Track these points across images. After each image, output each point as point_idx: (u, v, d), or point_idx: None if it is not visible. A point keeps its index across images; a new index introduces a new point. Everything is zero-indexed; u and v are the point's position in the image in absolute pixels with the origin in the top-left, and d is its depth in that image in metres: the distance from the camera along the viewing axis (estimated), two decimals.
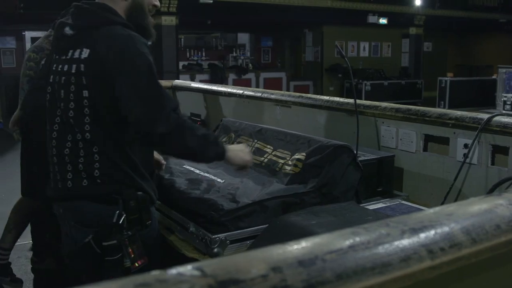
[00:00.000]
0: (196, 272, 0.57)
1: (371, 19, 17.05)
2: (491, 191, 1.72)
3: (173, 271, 0.57)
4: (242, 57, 17.34)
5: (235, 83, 15.80)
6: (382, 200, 2.06)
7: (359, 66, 17.60)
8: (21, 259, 3.92)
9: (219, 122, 2.89)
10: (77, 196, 1.74)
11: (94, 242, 1.69)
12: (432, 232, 0.72)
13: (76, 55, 1.72)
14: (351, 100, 2.46)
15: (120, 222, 1.67)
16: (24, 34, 14.96)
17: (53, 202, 1.85)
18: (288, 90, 17.03)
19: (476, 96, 14.76)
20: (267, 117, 3.15)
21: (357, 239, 0.66)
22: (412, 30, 18.37)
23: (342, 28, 17.26)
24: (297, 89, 16.97)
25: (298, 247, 0.63)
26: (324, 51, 17.15)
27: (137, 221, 1.71)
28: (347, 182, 1.91)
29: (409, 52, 18.47)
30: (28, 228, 3.47)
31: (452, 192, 2.02)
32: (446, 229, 0.73)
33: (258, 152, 2.21)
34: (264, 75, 16.98)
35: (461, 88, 14.72)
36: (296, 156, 2.02)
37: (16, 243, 4.15)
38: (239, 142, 2.34)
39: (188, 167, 2.27)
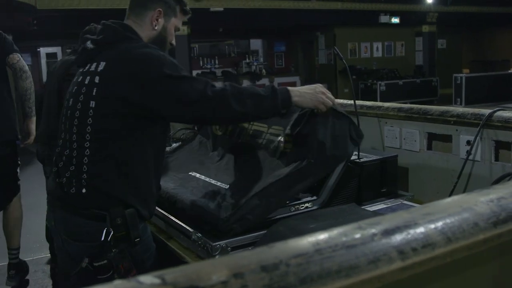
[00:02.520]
0: (157, 280, 0.57)
1: (383, 18, 16.99)
2: None
3: (134, 279, 0.57)
4: (255, 63, 17.40)
5: None
6: (384, 201, 2.04)
7: (373, 67, 17.52)
8: (38, 273, 3.97)
9: None
10: (67, 200, 1.77)
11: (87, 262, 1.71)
12: (405, 232, 0.71)
13: (93, 68, 1.79)
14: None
15: (108, 239, 1.68)
16: (39, 51, 15.20)
17: (49, 205, 1.89)
18: None
19: (493, 91, 14.60)
20: None
21: (325, 242, 0.66)
22: (425, 28, 18.23)
23: (354, 29, 17.21)
24: None
25: (263, 252, 0.63)
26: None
27: (124, 239, 1.71)
28: (340, 137, 1.86)
29: (423, 50, 18.33)
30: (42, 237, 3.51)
31: (457, 190, 2.00)
32: (420, 229, 0.72)
33: (256, 134, 2.18)
34: (278, 80, 16.99)
35: (477, 84, 14.56)
36: (288, 130, 1.98)
37: (33, 257, 4.22)
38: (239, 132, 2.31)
39: (193, 174, 2.27)
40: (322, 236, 0.68)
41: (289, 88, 1.81)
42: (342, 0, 16.39)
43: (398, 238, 0.70)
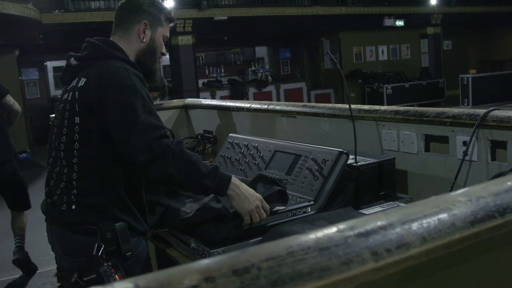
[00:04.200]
0: (130, 285, 0.59)
1: (387, 22, 16.99)
2: None
3: (109, 285, 0.59)
4: (261, 71, 17.45)
5: (256, 97, 15.88)
6: (381, 204, 2.04)
7: (378, 70, 17.50)
8: (46, 285, 4.00)
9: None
10: (59, 217, 1.79)
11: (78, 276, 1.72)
12: (380, 234, 0.72)
13: (75, 83, 1.82)
14: (352, 106, 2.45)
15: (100, 253, 1.70)
16: (46, 65, 15.35)
17: (46, 222, 1.91)
18: (309, 99, 17.03)
19: (501, 91, 14.54)
20: (274, 128, 3.17)
21: (298, 245, 0.67)
22: (430, 30, 18.21)
23: (358, 33, 17.22)
24: (318, 98, 16.97)
25: (236, 256, 0.65)
26: (342, 57, 17.12)
27: (116, 253, 1.73)
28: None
29: (429, 52, 18.29)
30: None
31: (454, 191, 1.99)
32: (395, 230, 0.73)
33: None
34: (284, 86, 17.03)
35: (484, 84, 14.51)
36: None
37: (42, 270, 4.25)
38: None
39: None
40: (295, 239, 0.69)
41: (234, 180, 1.74)
42: (346, 5, 16.41)
43: (372, 239, 0.71)
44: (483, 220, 0.81)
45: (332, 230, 0.72)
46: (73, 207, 1.74)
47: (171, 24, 2.00)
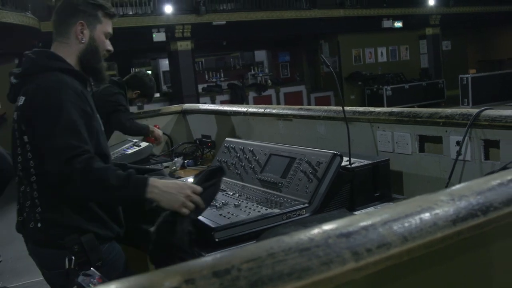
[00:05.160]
0: None
1: (386, 23, 17.01)
2: None
3: None
4: (260, 74, 17.45)
5: (256, 101, 15.89)
6: (376, 206, 2.05)
7: (378, 72, 17.51)
8: None
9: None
10: (30, 235, 1.82)
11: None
12: (361, 234, 0.73)
13: (18, 102, 1.81)
14: (347, 108, 2.47)
15: (72, 266, 1.71)
16: None
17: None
18: (309, 102, 17.04)
19: (500, 90, 14.53)
20: (271, 132, 3.18)
21: (278, 246, 0.68)
22: (429, 31, 18.22)
23: (357, 35, 17.24)
24: (318, 100, 16.97)
25: (217, 258, 0.66)
26: (341, 60, 17.14)
27: (87, 263, 1.73)
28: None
29: (428, 53, 18.30)
30: None
31: None
32: (375, 230, 0.74)
33: None
34: (284, 90, 17.04)
35: (484, 84, 14.51)
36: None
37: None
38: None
39: None
40: (276, 240, 0.70)
41: (151, 182, 1.68)
42: (344, 7, 16.43)
43: (352, 239, 0.72)
44: (465, 219, 0.82)
45: (314, 231, 0.74)
46: (39, 225, 1.75)
47: (113, 20, 1.96)
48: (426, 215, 0.79)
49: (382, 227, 0.75)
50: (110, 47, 1.93)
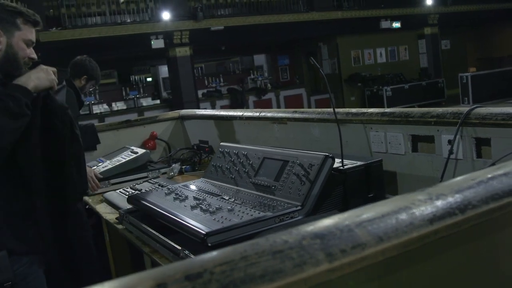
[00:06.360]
0: None
1: (384, 24, 17.04)
2: None
3: None
4: (260, 78, 17.50)
5: (256, 105, 15.92)
6: None
7: (377, 73, 17.52)
8: None
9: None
10: None
11: None
12: (335, 235, 0.74)
13: None
14: (340, 110, 2.47)
15: None
16: None
17: None
18: (309, 105, 17.05)
19: (501, 88, 14.52)
20: (267, 136, 3.19)
21: (252, 249, 0.69)
22: (427, 30, 18.24)
23: (356, 37, 17.27)
24: (318, 103, 17.00)
25: (191, 261, 0.66)
26: (340, 62, 17.16)
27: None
28: None
29: (427, 53, 18.31)
30: None
31: None
32: (351, 230, 0.75)
33: None
34: (283, 93, 17.07)
35: (484, 82, 14.51)
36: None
37: None
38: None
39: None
40: (250, 243, 0.71)
41: (18, 82, 1.80)
42: (342, 9, 16.47)
43: (326, 240, 0.72)
44: (443, 218, 0.82)
45: (288, 233, 0.74)
46: None
47: (36, 27, 1.95)
48: (403, 215, 0.80)
49: (357, 227, 0.76)
50: (33, 55, 1.93)
